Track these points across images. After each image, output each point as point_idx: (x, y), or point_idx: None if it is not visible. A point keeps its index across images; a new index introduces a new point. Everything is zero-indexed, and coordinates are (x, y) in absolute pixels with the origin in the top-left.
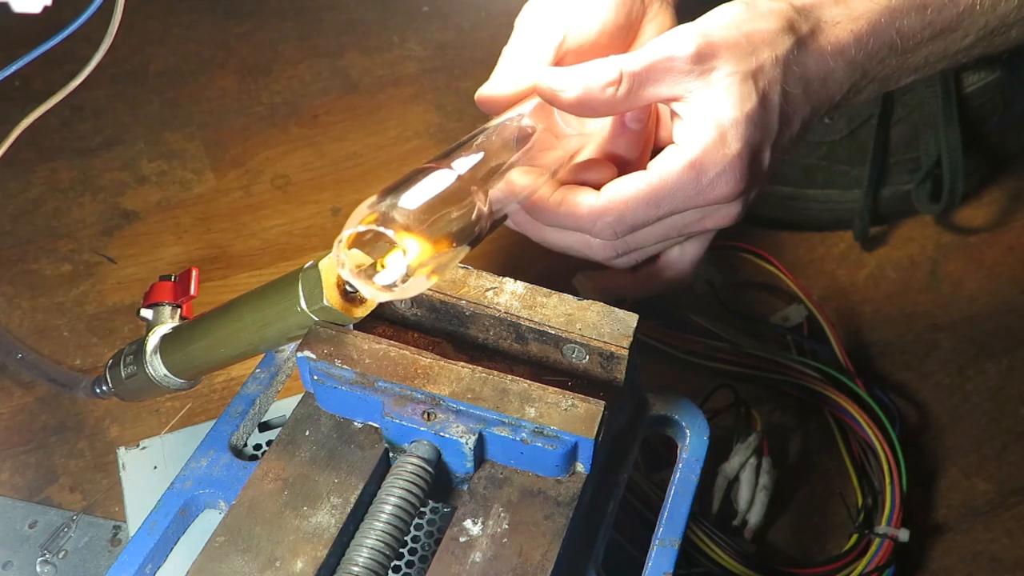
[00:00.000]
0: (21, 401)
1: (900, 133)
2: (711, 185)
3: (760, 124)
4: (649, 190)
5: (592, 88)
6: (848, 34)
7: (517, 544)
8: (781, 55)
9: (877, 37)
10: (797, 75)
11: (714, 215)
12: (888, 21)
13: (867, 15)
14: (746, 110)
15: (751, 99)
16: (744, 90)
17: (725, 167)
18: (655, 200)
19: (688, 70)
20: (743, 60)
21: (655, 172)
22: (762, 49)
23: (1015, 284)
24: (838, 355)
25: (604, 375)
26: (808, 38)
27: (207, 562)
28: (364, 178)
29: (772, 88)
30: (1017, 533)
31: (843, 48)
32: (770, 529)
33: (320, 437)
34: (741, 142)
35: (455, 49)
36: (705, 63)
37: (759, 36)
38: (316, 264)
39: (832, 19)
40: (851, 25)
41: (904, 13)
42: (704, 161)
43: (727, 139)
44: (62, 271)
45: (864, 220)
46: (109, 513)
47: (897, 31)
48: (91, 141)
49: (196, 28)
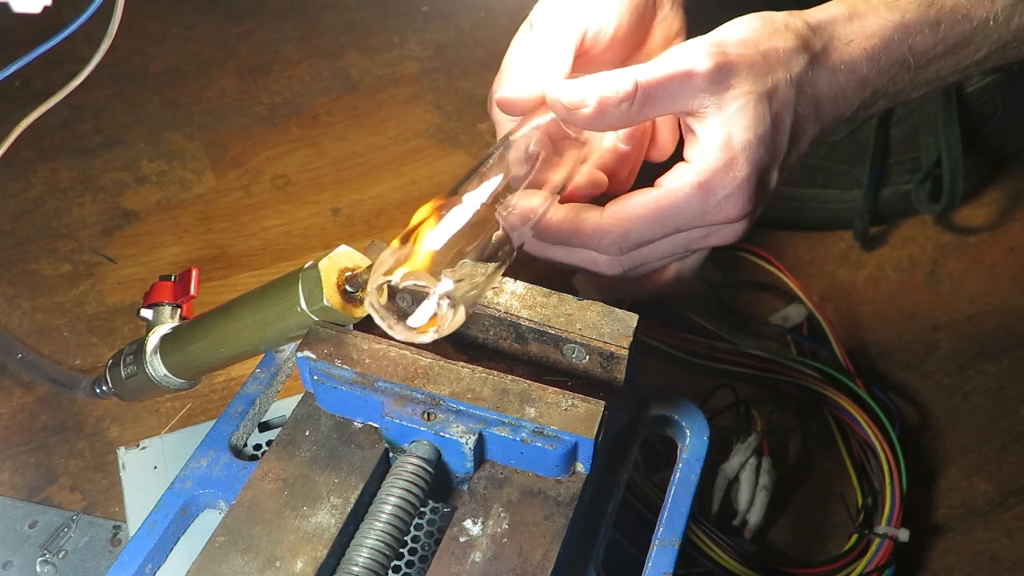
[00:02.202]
0: (21, 401)
1: (900, 133)
2: (718, 206)
3: (770, 147)
4: (656, 208)
5: (608, 103)
6: (861, 52)
7: (517, 544)
8: (795, 76)
9: (890, 55)
10: (809, 96)
11: (719, 233)
12: (901, 38)
13: (880, 32)
14: (759, 133)
15: (764, 122)
16: (758, 112)
17: (733, 189)
18: (661, 218)
19: (704, 87)
20: (759, 80)
21: (662, 190)
22: (777, 69)
23: (1015, 284)
24: (838, 355)
25: (604, 375)
26: (821, 56)
27: (207, 562)
28: (364, 178)
29: (785, 110)
30: (1017, 533)
31: (855, 66)
32: (770, 529)
33: (320, 437)
34: (751, 166)
35: (455, 49)
36: (722, 81)
37: (775, 55)
38: (316, 264)
39: (846, 37)
40: (864, 43)
41: (917, 30)
42: (712, 182)
43: (737, 162)
44: (62, 271)
45: (864, 220)
46: (109, 513)
47: (910, 48)
48: (91, 141)
49: (196, 28)
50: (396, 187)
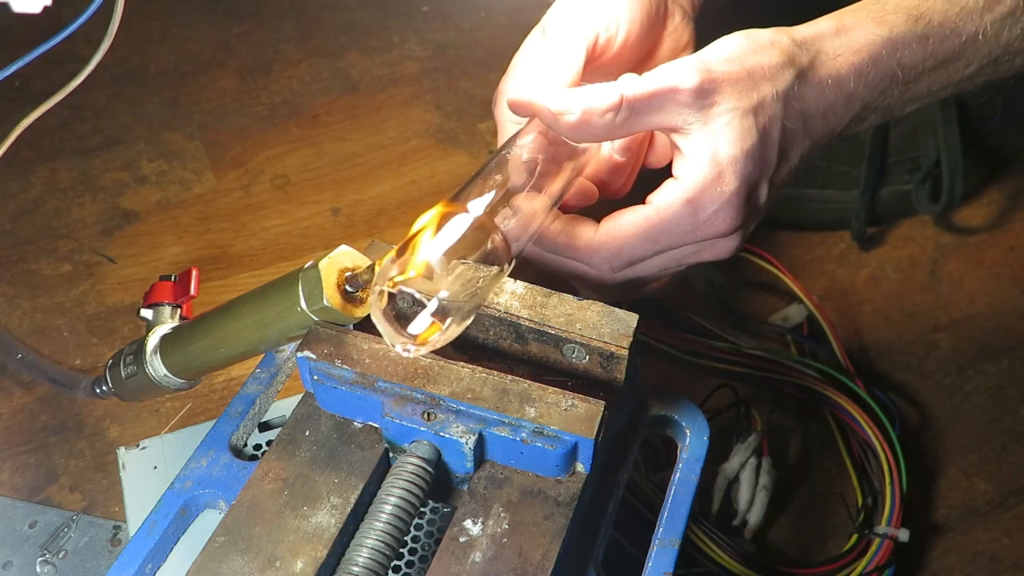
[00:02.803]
0: (21, 401)
1: (899, 133)
2: (708, 222)
3: (758, 161)
4: (647, 226)
5: (592, 112)
6: (849, 66)
7: (517, 544)
8: (782, 90)
9: (878, 69)
10: (797, 110)
11: (711, 248)
12: (889, 53)
13: (868, 47)
14: (745, 147)
15: (751, 136)
16: (744, 127)
17: (722, 204)
18: (652, 236)
19: (689, 103)
20: (744, 96)
21: (652, 208)
22: (763, 84)
23: (1015, 284)
24: (838, 355)
25: (604, 375)
26: (808, 71)
27: (207, 562)
28: (364, 178)
29: (772, 124)
30: (1017, 533)
31: (843, 81)
32: (770, 529)
33: (320, 437)
34: (739, 180)
35: (455, 49)
36: (706, 97)
37: (760, 71)
38: (316, 264)
39: (833, 51)
40: (852, 57)
41: (905, 44)
42: (701, 198)
43: (725, 176)
44: (62, 271)
45: (861, 220)
46: (109, 513)
47: (898, 62)
48: (91, 141)
49: (196, 28)
50: (396, 187)
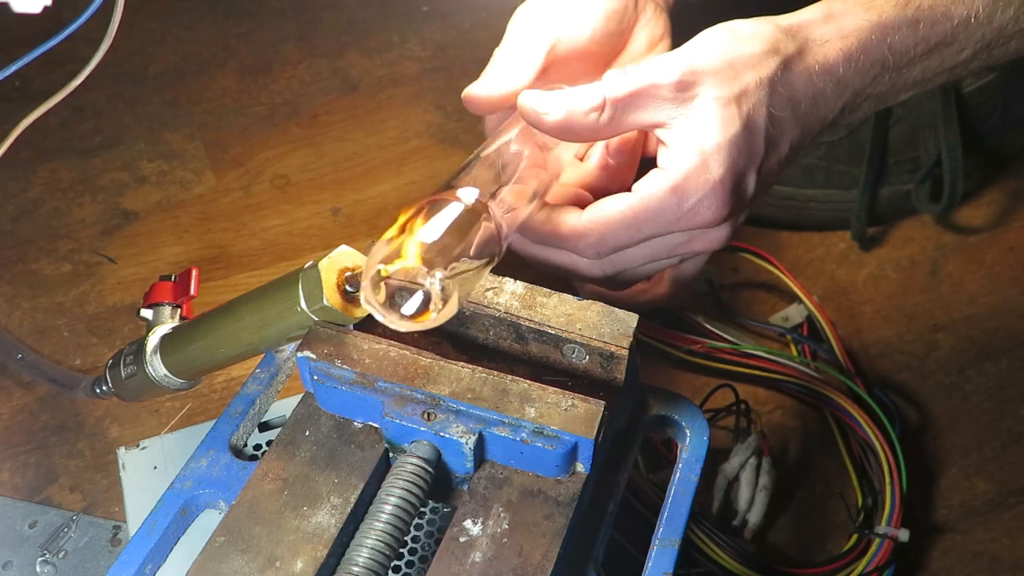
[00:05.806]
0: (21, 401)
1: (899, 133)
2: (693, 210)
3: (744, 148)
4: (631, 212)
5: (575, 113)
6: (837, 53)
7: (517, 544)
8: (766, 77)
9: (868, 55)
10: (784, 97)
11: (701, 238)
12: (879, 38)
13: (857, 33)
14: (729, 135)
15: (734, 124)
16: (727, 115)
17: (707, 192)
18: (636, 223)
19: (671, 97)
20: (726, 85)
21: (636, 195)
22: (745, 72)
23: (1015, 284)
24: (838, 355)
25: (604, 375)
26: (795, 58)
27: (207, 562)
28: (364, 178)
29: (757, 111)
30: (1017, 533)
31: (832, 67)
32: (770, 529)
33: (320, 437)
34: (724, 167)
35: (455, 49)
36: (687, 91)
37: (742, 61)
38: (316, 264)
39: (821, 38)
40: (840, 44)
41: (895, 29)
42: (686, 186)
43: (709, 164)
44: (62, 271)
45: (861, 220)
46: (109, 513)
47: (889, 48)
48: (91, 141)
49: (196, 28)
50: (396, 187)
